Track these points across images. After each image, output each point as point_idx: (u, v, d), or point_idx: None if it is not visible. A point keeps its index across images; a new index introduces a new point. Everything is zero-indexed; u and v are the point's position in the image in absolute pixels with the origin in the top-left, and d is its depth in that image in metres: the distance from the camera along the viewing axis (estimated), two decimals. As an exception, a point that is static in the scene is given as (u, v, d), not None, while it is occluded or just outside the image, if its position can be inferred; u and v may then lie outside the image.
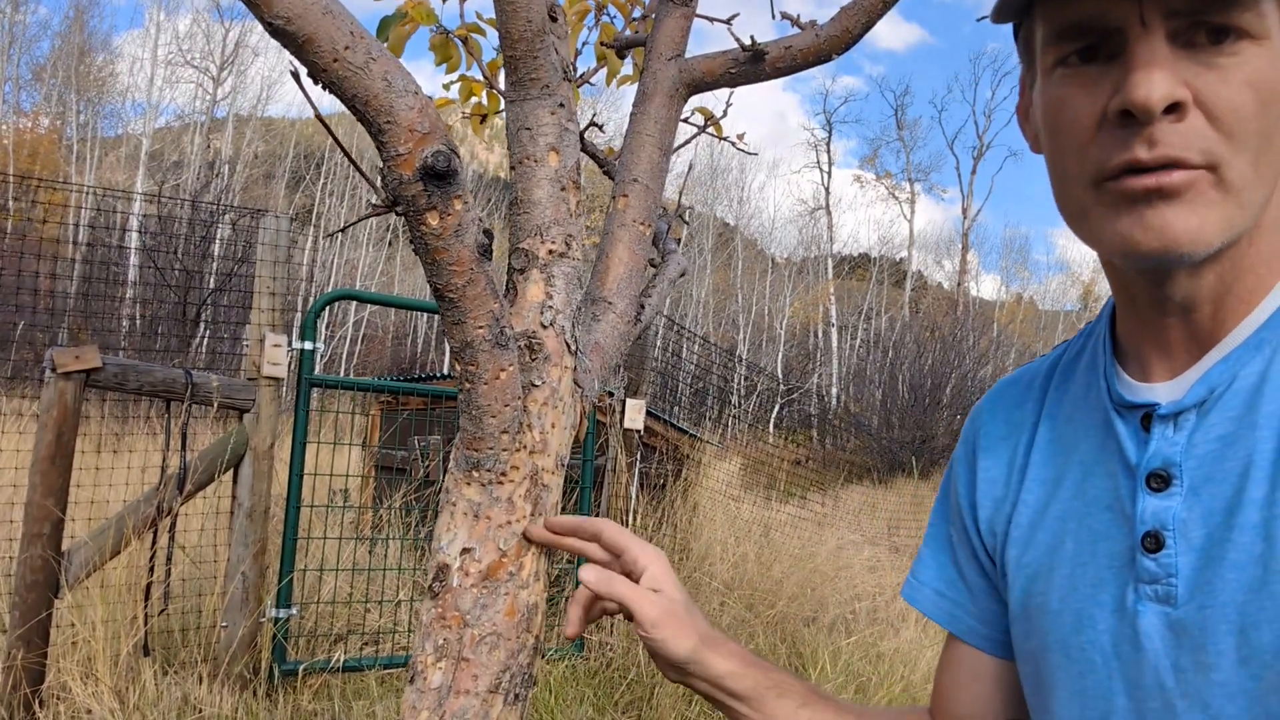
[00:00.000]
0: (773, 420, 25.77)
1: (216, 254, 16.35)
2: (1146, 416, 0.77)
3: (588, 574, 0.95)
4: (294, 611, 4.09)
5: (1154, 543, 0.74)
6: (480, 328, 0.88)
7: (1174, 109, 0.68)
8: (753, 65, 1.19)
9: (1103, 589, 0.78)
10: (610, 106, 32.47)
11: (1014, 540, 0.87)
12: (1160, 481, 0.75)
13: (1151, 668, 0.73)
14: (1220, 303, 0.75)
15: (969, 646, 0.96)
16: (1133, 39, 0.70)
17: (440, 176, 0.78)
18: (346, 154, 0.71)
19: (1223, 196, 0.69)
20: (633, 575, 0.97)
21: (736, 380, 23.93)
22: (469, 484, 0.95)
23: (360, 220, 0.85)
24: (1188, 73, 0.69)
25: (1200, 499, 0.72)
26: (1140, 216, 0.70)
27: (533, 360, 0.98)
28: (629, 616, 0.94)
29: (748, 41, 1.18)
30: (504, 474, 0.95)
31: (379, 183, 0.81)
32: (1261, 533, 0.68)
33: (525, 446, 0.96)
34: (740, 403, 24.25)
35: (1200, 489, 0.73)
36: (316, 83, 0.76)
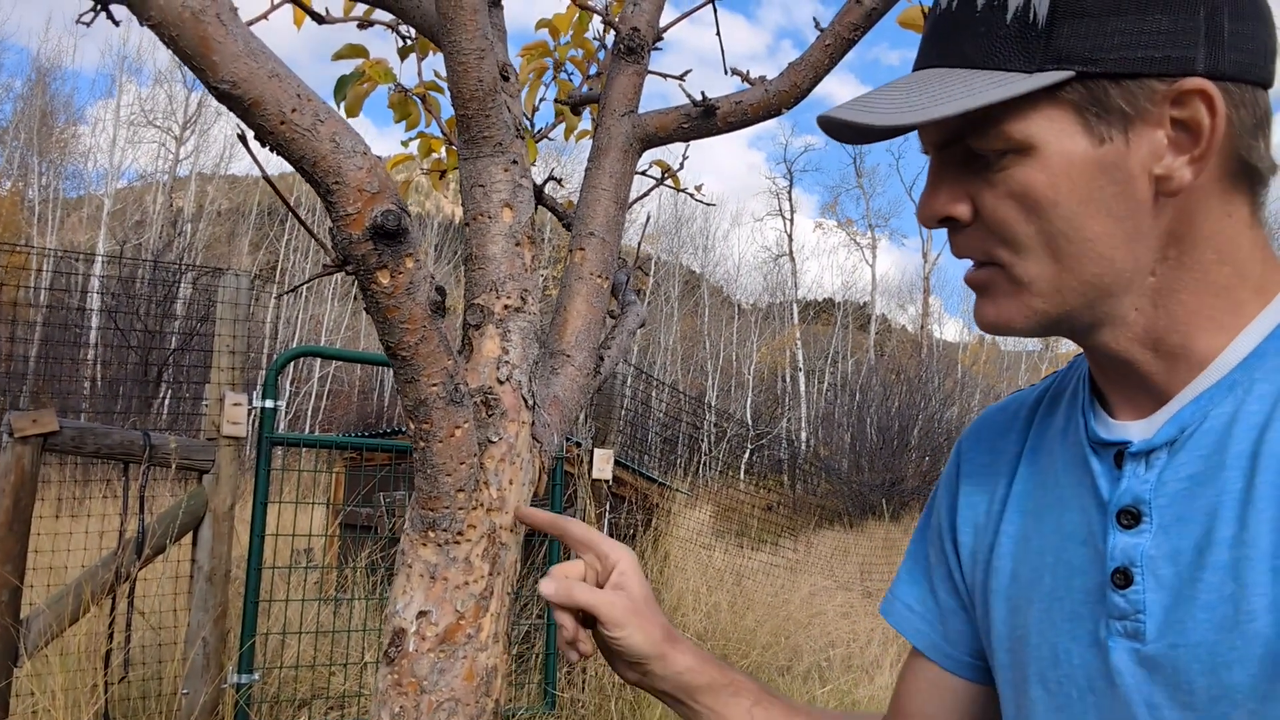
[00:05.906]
0: (743, 466, 25.75)
1: (179, 313, 16.19)
2: (1119, 454, 0.78)
3: (547, 587, 0.92)
4: (256, 677, 3.99)
5: (1123, 579, 0.74)
6: (434, 385, 0.87)
7: (950, 221, 0.78)
8: (704, 120, 1.20)
9: (1079, 623, 0.78)
10: (576, 162, 32.74)
11: (997, 570, 0.88)
12: (1130, 518, 0.75)
13: (1124, 703, 0.73)
14: (1157, 350, 0.76)
15: (930, 661, 0.97)
16: (930, 161, 0.79)
17: (390, 235, 0.78)
18: (295, 213, 0.71)
19: (1016, 289, 0.77)
20: (604, 570, 0.96)
21: (706, 427, 23.93)
22: (425, 544, 0.93)
23: (311, 280, 0.85)
24: (971, 187, 0.77)
25: (1170, 537, 0.73)
26: (976, 301, 0.81)
27: (489, 416, 0.98)
28: (589, 623, 0.93)
29: (699, 98, 1.20)
30: (460, 533, 0.94)
31: (329, 242, 0.80)
32: (1231, 573, 0.69)
33: (482, 504, 0.95)
34: (710, 449, 24.23)
35: (1170, 527, 0.73)
36: (264, 145, 0.76)
